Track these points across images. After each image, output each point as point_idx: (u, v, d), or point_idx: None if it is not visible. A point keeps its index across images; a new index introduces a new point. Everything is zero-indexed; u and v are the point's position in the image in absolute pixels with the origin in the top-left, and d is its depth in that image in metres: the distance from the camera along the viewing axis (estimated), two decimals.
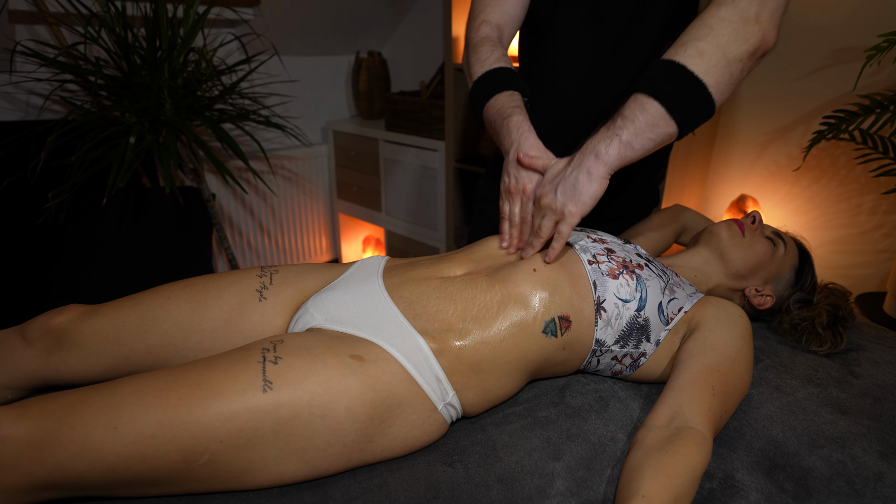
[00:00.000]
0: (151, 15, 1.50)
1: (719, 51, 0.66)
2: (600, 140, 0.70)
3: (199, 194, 1.78)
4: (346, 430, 0.60)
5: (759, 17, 0.66)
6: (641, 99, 0.68)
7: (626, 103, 0.70)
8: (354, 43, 2.51)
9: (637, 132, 0.68)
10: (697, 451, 0.58)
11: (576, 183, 0.70)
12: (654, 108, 0.67)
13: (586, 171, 0.70)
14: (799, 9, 1.64)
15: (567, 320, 0.73)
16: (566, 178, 0.72)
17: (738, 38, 0.66)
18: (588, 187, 0.70)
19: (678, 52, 0.67)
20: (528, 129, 0.82)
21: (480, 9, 0.95)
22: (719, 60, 0.66)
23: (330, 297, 0.74)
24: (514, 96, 0.87)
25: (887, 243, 1.65)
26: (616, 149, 0.69)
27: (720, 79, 0.67)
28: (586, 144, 0.72)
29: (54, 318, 0.73)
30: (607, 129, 0.71)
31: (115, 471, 0.54)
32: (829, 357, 0.87)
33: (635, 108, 0.68)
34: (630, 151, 0.69)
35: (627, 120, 0.68)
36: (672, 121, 0.67)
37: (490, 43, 0.91)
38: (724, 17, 0.66)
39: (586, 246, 0.80)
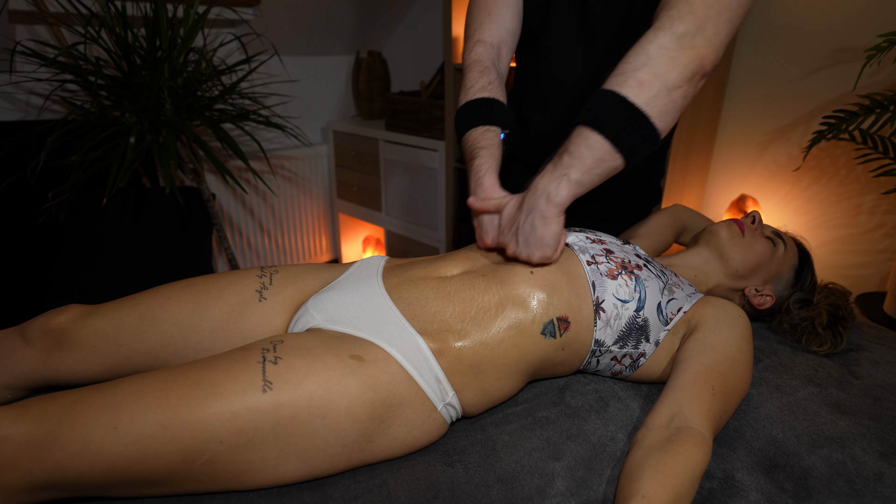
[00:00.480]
0: (151, 15, 1.50)
1: (658, 80, 0.65)
2: (549, 181, 0.69)
3: (199, 194, 1.78)
4: (346, 430, 0.60)
5: (695, 42, 0.65)
6: (586, 133, 0.67)
7: (571, 137, 0.69)
8: (354, 43, 2.51)
9: (585, 170, 0.68)
10: (697, 451, 0.58)
11: (533, 230, 0.71)
12: (600, 144, 0.67)
13: (541, 216, 0.70)
14: (799, 9, 1.64)
15: (566, 321, 0.73)
16: (522, 227, 0.72)
17: (677, 66, 0.65)
18: (546, 230, 0.70)
19: (619, 83, 0.66)
20: (485, 172, 0.81)
21: (475, 27, 0.93)
22: (660, 90, 0.65)
23: (329, 297, 0.74)
24: (487, 133, 0.85)
25: (887, 243, 1.65)
26: (566, 189, 0.68)
27: (663, 108, 0.66)
28: (535, 184, 0.71)
29: (54, 319, 0.73)
30: (554, 167, 0.70)
31: (115, 471, 0.54)
32: (829, 357, 0.87)
33: (581, 144, 0.68)
34: (580, 188, 0.69)
35: (574, 157, 0.68)
36: (618, 154, 0.67)
37: (478, 67, 0.89)
38: (661, 45, 0.65)
39: (585, 247, 0.80)
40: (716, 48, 0.67)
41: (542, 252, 0.72)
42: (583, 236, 0.84)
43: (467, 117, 0.87)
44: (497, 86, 0.89)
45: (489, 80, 0.89)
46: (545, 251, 0.72)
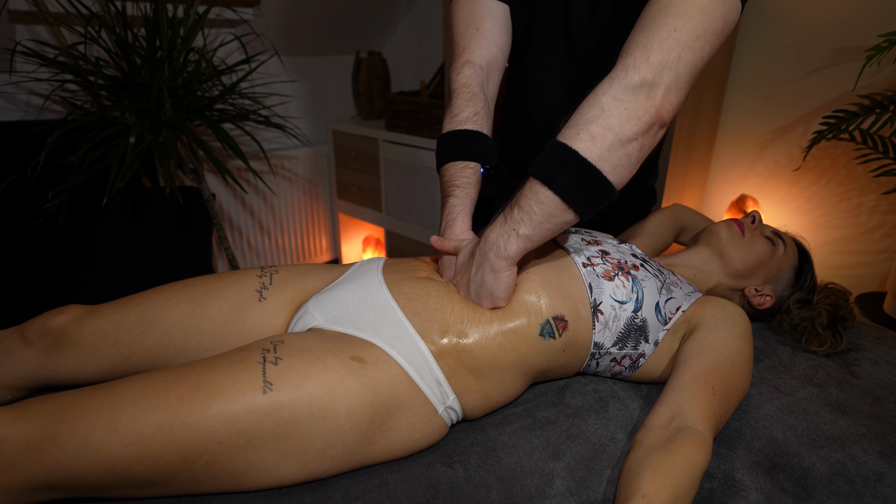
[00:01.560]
0: (151, 15, 1.50)
1: (612, 133, 0.62)
2: (499, 235, 0.68)
3: (199, 194, 1.78)
4: (347, 431, 0.60)
5: (652, 93, 0.61)
6: (537, 188, 0.65)
7: (523, 189, 0.67)
8: (354, 43, 2.51)
9: (535, 225, 0.66)
10: (697, 451, 0.58)
11: (483, 283, 0.70)
12: (550, 199, 0.64)
13: (490, 270, 0.69)
14: (799, 9, 1.64)
15: (563, 320, 0.73)
16: (473, 278, 0.71)
17: (631, 119, 0.62)
18: (496, 283, 0.69)
19: (571, 136, 0.64)
20: (457, 214, 0.80)
21: (464, 44, 0.88)
22: (613, 143, 0.62)
23: (330, 296, 0.74)
24: (465, 169, 0.82)
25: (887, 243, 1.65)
26: (515, 244, 0.67)
27: (617, 162, 0.63)
28: (486, 235, 0.70)
29: (53, 319, 0.73)
30: (505, 220, 0.68)
31: (115, 471, 0.53)
32: (829, 357, 0.87)
33: (531, 199, 0.65)
34: (529, 243, 0.67)
35: (524, 212, 0.66)
36: (570, 210, 0.64)
37: (466, 94, 0.85)
38: (615, 96, 0.62)
39: (580, 248, 0.80)
40: (674, 96, 0.63)
41: (492, 302, 0.71)
42: (578, 238, 0.84)
43: (448, 149, 0.84)
44: (483, 116, 0.86)
45: (475, 109, 0.85)
46: (494, 302, 0.71)
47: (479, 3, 0.88)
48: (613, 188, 0.64)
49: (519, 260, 0.69)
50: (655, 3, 0.64)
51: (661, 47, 0.61)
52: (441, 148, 0.85)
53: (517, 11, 0.91)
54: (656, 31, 0.62)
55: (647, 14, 0.64)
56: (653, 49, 0.61)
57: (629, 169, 0.65)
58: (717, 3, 0.62)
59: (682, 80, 0.63)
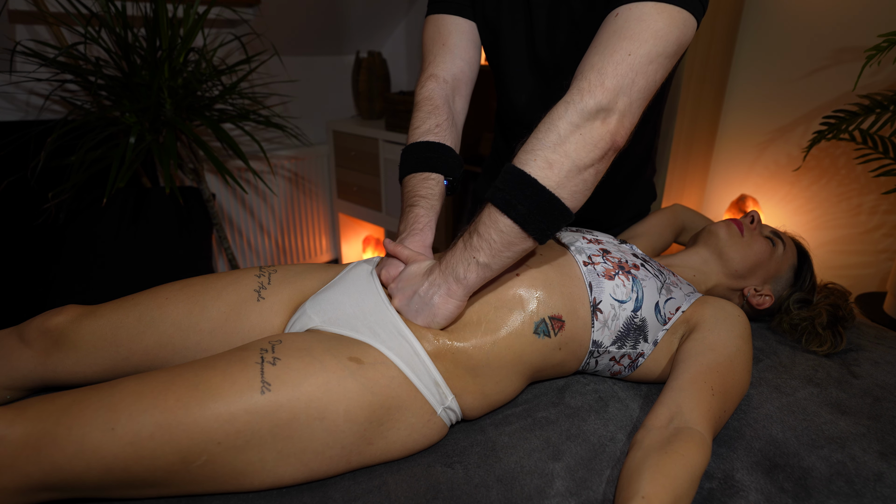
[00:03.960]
0: (151, 15, 1.50)
1: (568, 160, 0.61)
2: (458, 261, 0.67)
3: (199, 194, 1.78)
4: (345, 432, 0.60)
5: (608, 119, 0.61)
6: (496, 216, 0.64)
7: (482, 216, 0.66)
8: (354, 43, 2.51)
9: (494, 253, 0.65)
10: (697, 452, 0.57)
11: (430, 301, 0.68)
12: (508, 227, 0.64)
13: (445, 293, 0.67)
14: (799, 9, 1.64)
15: (559, 320, 0.73)
16: (422, 295, 0.69)
17: (587, 146, 0.61)
18: (444, 308, 0.68)
19: (527, 161, 0.63)
20: (421, 227, 0.78)
21: (429, 60, 0.88)
22: (570, 170, 0.62)
23: (327, 297, 0.74)
24: (427, 181, 0.81)
25: (887, 243, 1.65)
26: (475, 273, 0.66)
27: (574, 188, 0.63)
28: (446, 261, 0.68)
29: (52, 319, 0.73)
30: (465, 247, 0.67)
31: (113, 472, 0.53)
32: (828, 357, 0.87)
33: (490, 226, 0.65)
34: (489, 272, 0.67)
35: (483, 240, 0.65)
36: (529, 238, 0.64)
37: (428, 106, 0.85)
38: (571, 122, 0.61)
39: (581, 247, 0.80)
40: (628, 120, 0.63)
41: (427, 323, 0.69)
42: (579, 236, 0.84)
43: (410, 161, 0.83)
44: (446, 128, 0.85)
45: (437, 121, 0.84)
46: (430, 323, 0.69)
47: (446, 20, 0.88)
48: (571, 213, 0.64)
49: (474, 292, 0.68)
50: (610, 24, 0.63)
51: (615, 72, 0.60)
52: (403, 160, 0.84)
53: (483, 33, 0.91)
54: (611, 54, 0.61)
55: (601, 36, 0.63)
56: (607, 73, 0.61)
57: (585, 194, 0.65)
58: (671, 26, 0.61)
59: (636, 104, 0.62)
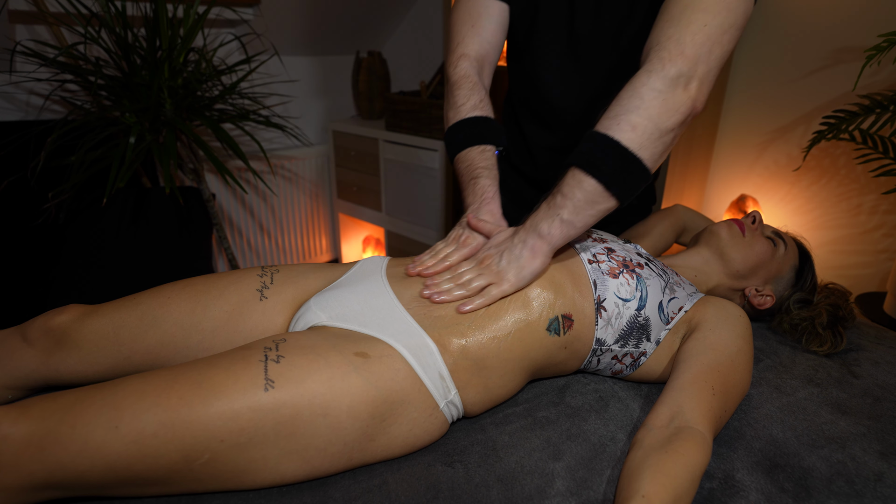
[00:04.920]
0: (151, 15, 1.50)
1: (651, 123, 0.65)
2: (542, 219, 0.71)
3: (199, 194, 1.78)
4: (348, 428, 0.60)
5: (689, 85, 0.65)
6: (579, 176, 0.68)
7: (565, 178, 0.70)
8: (354, 43, 2.51)
9: (577, 210, 0.69)
10: (697, 451, 0.58)
11: (520, 256, 0.72)
12: (592, 187, 0.67)
13: (531, 248, 0.71)
14: (799, 9, 1.65)
15: (570, 319, 0.73)
16: (512, 249, 0.73)
17: (669, 110, 0.65)
18: (531, 263, 0.71)
19: (611, 126, 0.67)
20: (490, 196, 0.82)
21: (458, 40, 0.91)
22: (652, 133, 0.66)
23: (334, 295, 0.74)
24: (485, 152, 0.85)
25: (887, 243, 1.66)
26: (558, 229, 0.70)
27: (654, 150, 0.67)
28: (530, 220, 0.73)
29: (54, 319, 0.73)
30: (548, 206, 0.71)
31: (116, 470, 0.54)
32: (829, 357, 0.87)
33: (574, 186, 0.68)
34: (572, 229, 0.70)
35: (567, 199, 0.69)
36: (611, 196, 0.68)
37: (468, 84, 0.89)
38: (654, 87, 0.65)
39: (586, 245, 0.81)
40: (707, 88, 0.67)
41: (515, 280, 0.72)
42: (584, 234, 0.84)
43: (462, 136, 0.87)
44: (487, 103, 0.89)
45: (480, 97, 0.88)
46: (518, 282, 0.72)
47: (477, 2, 0.91)
48: (650, 175, 0.68)
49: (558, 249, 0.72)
50: None
51: (693, 41, 0.65)
52: (453, 137, 0.87)
53: (519, 9, 0.92)
54: (687, 25, 0.65)
55: (673, 9, 0.67)
56: (686, 43, 0.65)
57: (663, 157, 0.69)
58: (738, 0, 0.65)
59: (713, 72, 0.67)
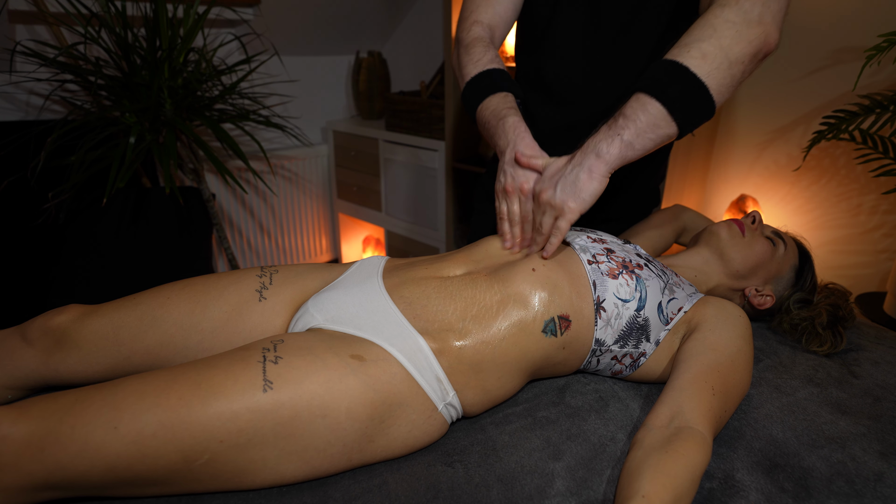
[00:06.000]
0: (151, 15, 1.50)
1: (722, 52, 0.66)
2: (602, 139, 0.71)
3: (199, 194, 1.78)
4: (347, 429, 0.60)
5: (763, 18, 0.66)
6: (644, 99, 0.69)
7: (628, 102, 0.70)
8: (354, 43, 2.51)
9: (638, 132, 0.69)
10: (697, 451, 0.58)
11: (576, 180, 0.72)
12: (656, 110, 0.68)
13: (587, 169, 0.71)
14: (799, 9, 1.64)
15: (567, 320, 0.73)
16: (566, 176, 0.73)
17: (742, 41, 0.66)
18: (588, 185, 0.71)
19: (681, 53, 0.67)
20: (524, 130, 0.83)
21: (472, 9, 0.95)
22: (721, 62, 0.66)
23: (330, 297, 0.74)
24: (507, 97, 0.87)
25: (887, 243, 1.65)
26: (617, 148, 0.70)
27: (722, 81, 0.67)
28: (588, 143, 0.73)
29: (54, 319, 0.73)
30: (609, 128, 0.71)
31: (116, 470, 0.54)
32: (829, 357, 0.87)
33: (637, 108, 0.69)
34: (631, 151, 0.70)
35: (629, 120, 0.69)
36: (673, 122, 0.68)
37: (482, 43, 0.91)
38: (727, 19, 0.66)
39: (586, 246, 0.80)
40: (778, 26, 0.67)
41: (576, 203, 0.72)
42: (584, 235, 0.84)
43: (483, 85, 0.88)
44: (501, 62, 0.91)
45: (494, 55, 0.91)
46: (579, 203, 0.72)
47: None
48: (714, 107, 0.68)
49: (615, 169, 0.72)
50: None
51: None
52: (473, 88, 0.89)
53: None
54: None
55: None
56: None
57: (730, 90, 0.69)
58: None
59: (781, 15, 0.68)
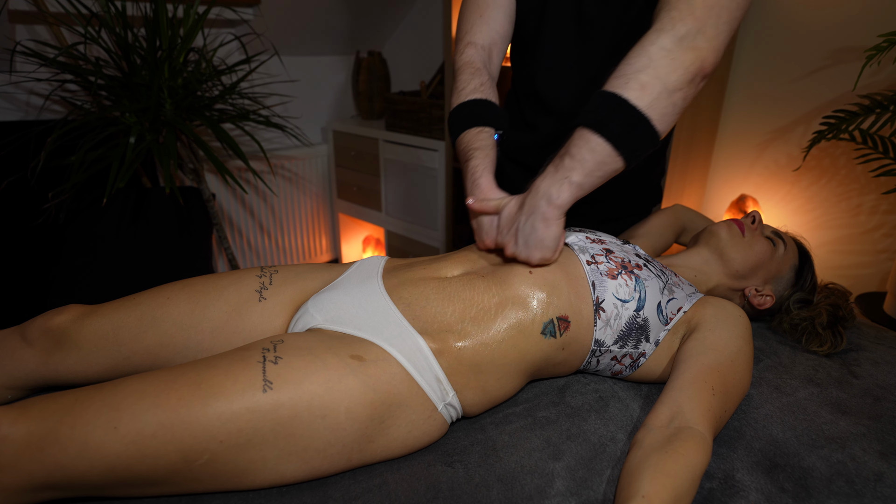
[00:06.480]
0: (151, 15, 1.50)
1: (660, 82, 0.66)
2: (551, 183, 0.70)
3: (199, 194, 1.78)
4: (347, 430, 0.60)
5: (696, 43, 0.66)
6: (588, 136, 0.68)
7: (572, 139, 0.70)
8: (354, 43, 2.51)
9: (587, 173, 0.68)
10: (697, 452, 0.58)
11: (533, 231, 0.71)
12: (601, 147, 0.67)
13: (542, 218, 0.70)
14: (799, 9, 1.64)
15: (566, 321, 0.73)
16: (522, 227, 0.72)
17: (678, 68, 0.66)
18: (547, 232, 0.71)
19: (620, 85, 0.67)
20: (480, 173, 0.81)
21: (466, 29, 0.93)
22: (661, 92, 0.66)
23: (330, 297, 0.74)
24: (481, 134, 0.85)
25: (887, 243, 1.65)
26: (567, 192, 0.69)
27: (664, 111, 0.67)
28: (536, 186, 0.72)
29: (54, 319, 0.73)
30: (556, 169, 0.70)
31: (115, 471, 0.54)
32: (829, 357, 0.87)
33: (582, 147, 0.68)
34: (581, 191, 0.70)
35: (576, 160, 0.69)
36: (619, 157, 0.68)
37: (470, 69, 0.89)
38: (662, 46, 0.66)
39: (585, 246, 0.80)
40: (716, 49, 0.67)
41: (542, 253, 0.73)
42: (582, 236, 0.84)
43: (460, 119, 0.87)
44: (489, 87, 0.89)
45: (481, 81, 0.89)
46: (545, 252, 0.72)
47: None
48: (658, 136, 0.68)
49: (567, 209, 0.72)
50: None
51: (704, 3, 0.66)
52: (453, 121, 0.88)
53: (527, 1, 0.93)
54: None
55: None
56: (696, 4, 0.66)
57: (673, 118, 0.69)
58: None
59: (722, 36, 0.67)
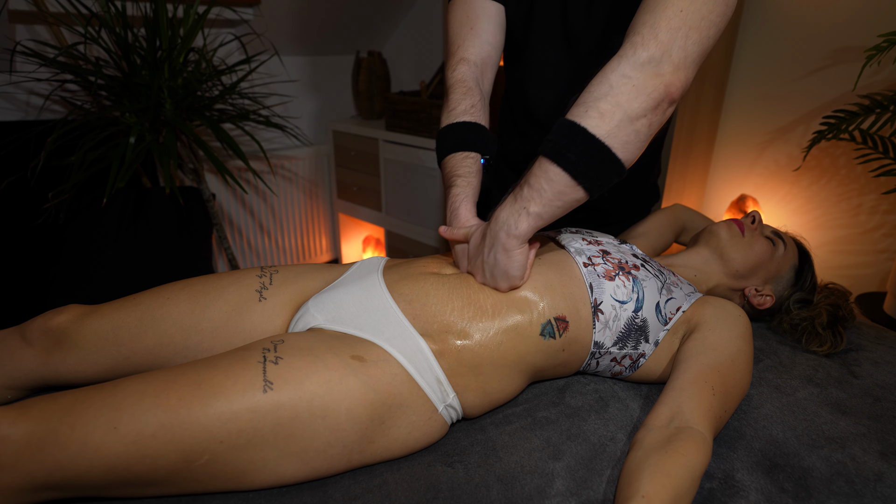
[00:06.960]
0: (151, 15, 1.50)
1: (620, 110, 0.62)
2: (509, 214, 0.68)
3: (199, 194, 1.78)
4: (347, 430, 0.60)
5: (661, 69, 0.62)
6: (545, 165, 0.66)
7: (532, 168, 0.68)
8: (354, 43, 2.51)
9: (545, 203, 0.66)
10: (697, 452, 0.58)
11: (496, 263, 0.70)
12: (560, 177, 0.65)
13: (502, 250, 0.69)
14: (799, 9, 1.64)
15: (564, 321, 0.73)
16: (486, 260, 0.71)
17: (640, 95, 0.62)
18: (510, 262, 0.70)
19: (580, 113, 0.64)
20: (460, 202, 0.80)
21: (458, 43, 0.90)
22: (622, 120, 0.63)
23: (331, 296, 0.74)
24: (466, 160, 0.83)
25: (887, 243, 1.65)
26: (526, 222, 0.67)
27: (626, 139, 0.64)
28: (497, 215, 0.70)
29: (54, 319, 0.73)
30: (515, 199, 0.69)
31: (115, 471, 0.54)
32: (829, 357, 0.87)
33: (540, 177, 0.66)
34: (540, 221, 0.68)
35: (534, 190, 0.67)
36: (579, 187, 0.65)
37: (462, 88, 0.87)
38: (623, 73, 0.63)
39: (581, 248, 0.80)
40: (683, 74, 0.64)
41: (509, 282, 0.72)
42: (579, 238, 0.84)
43: (447, 142, 0.85)
44: (480, 108, 0.87)
45: (472, 102, 0.86)
46: (511, 281, 0.72)
47: (473, 4, 0.90)
48: (622, 165, 0.65)
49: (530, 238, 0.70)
50: None
51: (668, 26, 0.62)
52: (441, 142, 0.86)
53: (514, 9, 0.92)
54: (663, 10, 0.63)
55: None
56: (660, 28, 0.62)
57: (638, 146, 0.65)
58: None
59: (691, 58, 0.64)
